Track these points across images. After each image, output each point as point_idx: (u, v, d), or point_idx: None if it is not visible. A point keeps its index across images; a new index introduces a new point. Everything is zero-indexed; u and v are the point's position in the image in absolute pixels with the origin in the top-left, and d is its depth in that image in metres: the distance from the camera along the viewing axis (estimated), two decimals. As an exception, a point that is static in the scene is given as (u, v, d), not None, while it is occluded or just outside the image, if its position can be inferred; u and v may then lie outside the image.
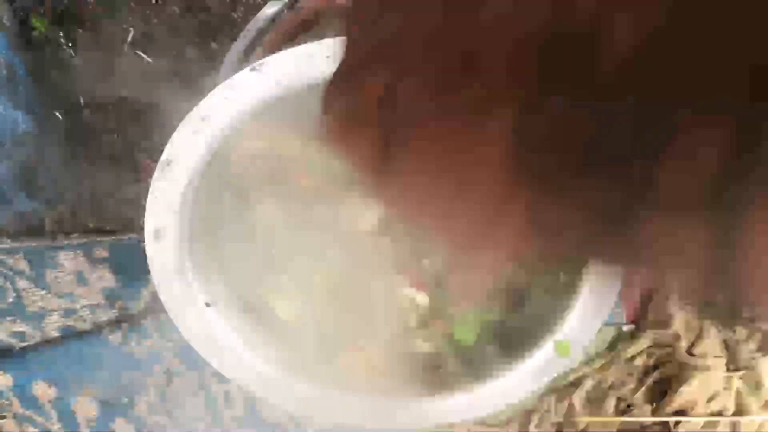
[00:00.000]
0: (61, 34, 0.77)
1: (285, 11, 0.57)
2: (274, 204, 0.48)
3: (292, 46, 0.56)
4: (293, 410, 0.54)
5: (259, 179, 0.47)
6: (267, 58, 0.40)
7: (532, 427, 0.89)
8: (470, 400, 0.53)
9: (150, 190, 0.45)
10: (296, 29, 0.56)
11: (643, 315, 0.89)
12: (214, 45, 0.76)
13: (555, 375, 0.52)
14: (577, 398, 0.90)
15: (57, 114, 0.80)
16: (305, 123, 0.46)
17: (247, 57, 0.59)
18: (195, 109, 0.42)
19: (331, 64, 0.40)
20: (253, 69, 0.40)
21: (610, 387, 0.90)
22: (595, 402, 0.91)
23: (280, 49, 0.56)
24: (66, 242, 0.88)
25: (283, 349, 0.55)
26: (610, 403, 0.90)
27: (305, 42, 0.55)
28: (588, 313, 0.50)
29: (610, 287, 0.49)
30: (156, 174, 0.44)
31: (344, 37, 0.22)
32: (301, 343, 0.54)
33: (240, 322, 0.54)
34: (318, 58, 0.40)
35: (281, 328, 0.54)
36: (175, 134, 0.43)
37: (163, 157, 0.44)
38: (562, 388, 0.90)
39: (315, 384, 0.54)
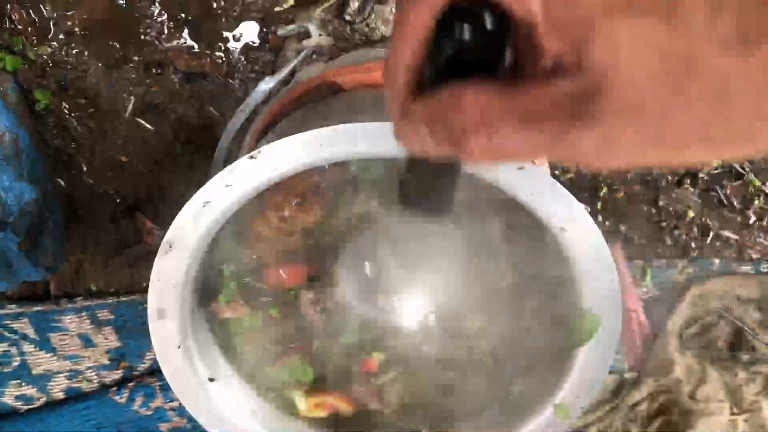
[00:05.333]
0: (64, 104, 0.79)
1: (280, 87, 0.59)
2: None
3: (288, 119, 0.58)
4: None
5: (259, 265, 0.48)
6: (263, 147, 0.41)
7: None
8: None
9: (153, 271, 0.46)
10: (291, 104, 0.57)
11: (645, 362, 0.90)
12: (212, 110, 0.78)
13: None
14: (582, 447, 0.90)
15: (60, 181, 0.82)
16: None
17: (245, 129, 0.61)
18: (197, 194, 0.43)
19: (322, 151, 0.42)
20: (251, 157, 0.41)
21: (615, 434, 0.90)
22: (599, 450, 0.91)
23: (277, 123, 0.58)
24: (70, 305, 0.89)
25: (284, 421, 0.56)
26: (615, 452, 0.90)
27: (297, 117, 0.57)
28: (584, 379, 0.50)
29: (603, 357, 0.50)
30: (158, 256, 0.46)
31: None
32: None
33: (242, 394, 0.54)
34: (310, 146, 0.41)
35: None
36: (177, 218, 0.44)
37: (166, 239, 0.45)
38: (566, 437, 0.91)
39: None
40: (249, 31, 0.73)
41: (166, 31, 0.74)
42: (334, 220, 0.48)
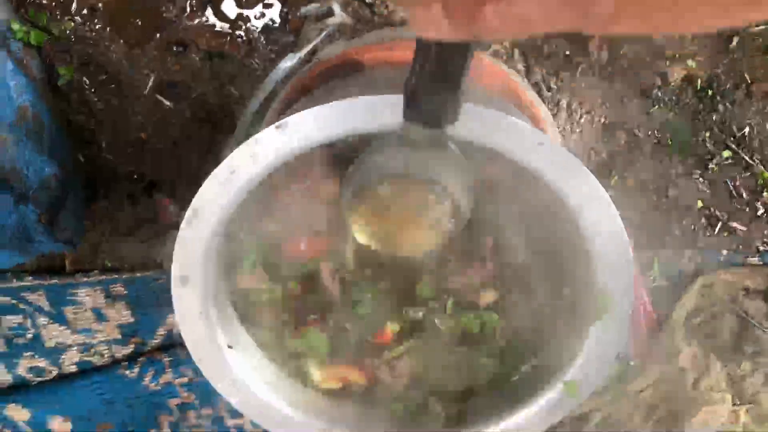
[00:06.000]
0: (86, 80, 0.80)
1: (302, 65, 0.60)
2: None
3: (308, 97, 0.59)
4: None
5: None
6: (289, 118, 0.42)
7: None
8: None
9: (177, 238, 0.47)
10: (312, 82, 0.59)
11: (650, 350, 0.91)
12: (231, 89, 0.79)
13: (563, 415, 0.54)
14: (586, 432, 0.92)
15: (80, 157, 0.83)
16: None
17: (265, 108, 0.62)
18: (223, 162, 0.44)
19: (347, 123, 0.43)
20: (278, 127, 0.42)
21: (618, 422, 0.92)
22: (603, 437, 0.92)
23: (297, 100, 0.59)
24: (85, 280, 0.90)
25: (299, 391, 0.57)
26: (618, 438, 0.92)
27: (319, 94, 0.58)
28: (594, 357, 0.52)
29: (615, 335, 0.51)
30: (183, 223, 0.47)
31: None
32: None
33: (258, 363, 0.56)
34: (333, 119, 0.43)
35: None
36: (202, 186, 0.45)
37: (191, 207, 0.46)
38: (571, 422, 0.92)
39: (332, 423, 0.56)
40: (270, 11, 0.74)
41: (188, 9, 0.76)
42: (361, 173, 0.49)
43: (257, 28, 0.77)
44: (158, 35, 0.77)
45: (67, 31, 0.77)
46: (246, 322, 0.56)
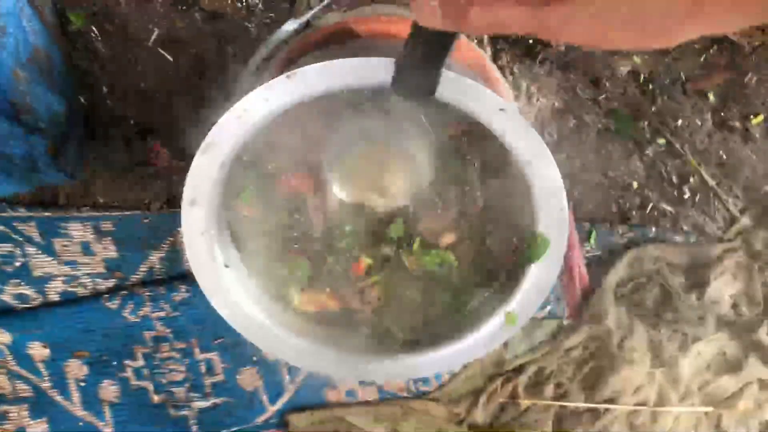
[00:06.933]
0: (94, 29, 0.87)
1: (301, 30, 0.68)
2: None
3: (307, 57, 0.68)
4: (285, 359, 0.65)
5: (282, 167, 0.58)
6: (298, 69, 0.51)
7: (480, 405, 1.01)
8: (435, 358, 0.64)
9: (192, 164, 0.55)
10: (310, 45, 0.67)
11: (582, 312, 1.02)
12: (229, 49, 0.87)
13: (503, 341, 0.64)
14: (521, 383, 1.03)
15: (81, 99, 0.90)
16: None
17: (266, 64, 0.70)
18: (238, 102, 0.53)
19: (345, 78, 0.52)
20: (288, 76, 0.51)
21: (550, 374, 1.03)
22: (536, 386, 1.03)
23: (296, 61, 0.68)
24: (76, 214, 0.97)
25: (280, 311, 0.66)
26: (549, 389, 1.03)
27: (317, 56, 0.67)
28: (532, 291, 0.62)
29: (550, 274, 0.61)
30: (198, 152, 0.55)
31: None
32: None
33: (248, 283, 0.65)
34: (334, 74, 0.52)
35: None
36: (219, 121, 0.54)
37: (206, 138, 0.55)
38: (507, 373, 1.03)
39: (307, 339, 0.65)
40: (271, -21, 0.83)
41: (196, -29, 0.84)
42: (341, 135, 0.59)
43: (257, -6, 0.85)
44: (166, -7, 0.85)
45: (81, -18, 0.85)
46: (240, 246, 0.64)
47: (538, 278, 0.62)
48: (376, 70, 0.52)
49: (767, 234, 1.02)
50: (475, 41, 0.88)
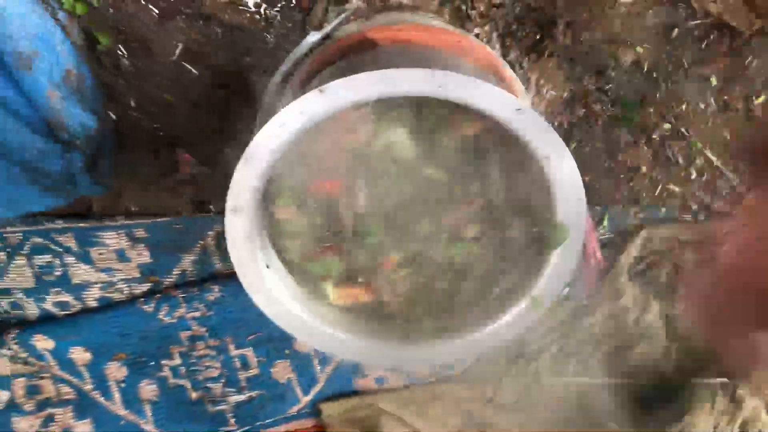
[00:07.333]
0: (120, 47, 0.91)
1: (322, 42, 0.73)
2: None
3: (330, 69, 0.72)
4: (323, 349, 0.70)
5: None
6: (330, 84, 0.55)
7: (505, 386, 1.06)
8: (464, 344, 0.69)
9: (234, 176, 0.60)
10: (332, 56, 0.72)
11: (599, 292, 1.06)
12: (248, 60, 0.91)
13: (527, 325, 0.69)
14: (543, 363, 1.07)
15: (111, 114, 0.95)
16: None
17: (288, 78, 0.75)
18: (275, 117, 0.57)
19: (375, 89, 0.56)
20: (321, 90, 0.55)
21: (570, 353, 1.07)
22: (558, 365, 1.08)
23: (320, 71, 0.72)
24: (110, 223, 1.01)
25: (318, 306, 0.71)
26: (570, 367, 1.07)
27: (338, 66, 0.72)
28: (554, 276, 0.66)
29: (571, 259, 0.66)
30: (239, 164, 0.59)
31: None
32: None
33: (287, 281, 0.69)
34: (363, 86, 0.56)
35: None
36: (257, 135, 0.58)
37: (246, 151, 0.59)
38: (530, 354, 1.07)
39: (342, 330, 0.70)
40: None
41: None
42: (370, 145, 0.63)
43: (273, 6, 0.89)
44: (187, 10, 0.89)
45: (106, 3, 0.89)
46: (278, 248, 0.69)
47: (560, 264, 0.66)
48: (401, 80, 0.56)
49: (773, 208, 1.06)
50: (484, 39, 0.92)
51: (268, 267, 0.66)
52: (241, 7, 0.89)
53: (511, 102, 0.58)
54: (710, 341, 0.39)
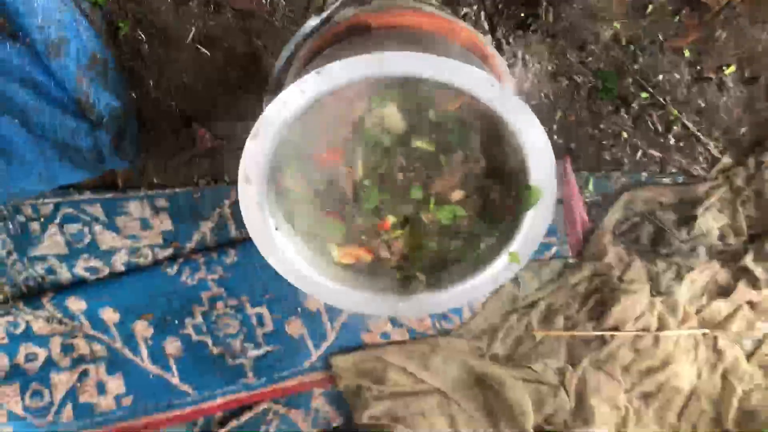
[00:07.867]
0: (139, 32, 1.00)
1: (323, 25, 0.80)
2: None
3: (329, 50, 0.80)
4: (329, 302, 0.79)
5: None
6: (326, 66, 0.63)
7: (499, 339, 1.15)
8: (454, 293, 0.77)
9: (244, 149, 0.67)
10: (331, 38, 0.79)
11: (585, 251, 1.14)
12: (258, 42, 0.99)
13: (509, 277, 0.77)
14: (534, 317, 1.15)
15: (132, 95, 1.03)
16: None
17: (292, 58, 0.82)
18: (279, 95, 0.65)
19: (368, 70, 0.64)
20: (318, 72, 0.63)
21: (559, 308, 1.15)
22: (547, 320, 1.16)
23: (320, 52, 0.80)
24: (134, 194, 1.10)
25: (324, 264, 0.79)
26: (560, 321, 1.15)
27: (337, 48, 0.79)
28: (530, 234, 0.74)
29: (544, 217, 0.73)
30: (249, 139, 0.67)
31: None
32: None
33: (295, 243, 0.77)
34: (355, 67, 0.64)
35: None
36: (264, 112, 0.66)
37: (255, 127, 0.67)
38: (522, 309, 1.16)
39: (347, 285, 0.78)
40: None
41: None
42: (365, 117, 0.71)
43: (279, -9, 0.97)
44: (199, -4, 0.98)
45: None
46: (286, 213, 0.77)
47: (535, 222, 0.74)
48: (389, 62, 0.64)
49: (747, 171, 1.12)
50: (472, 18, 0.99)
51: (277, 230, 0.75)
52: (249, -6, 0.97)
53: (486, 79, 0.65)
54: None
